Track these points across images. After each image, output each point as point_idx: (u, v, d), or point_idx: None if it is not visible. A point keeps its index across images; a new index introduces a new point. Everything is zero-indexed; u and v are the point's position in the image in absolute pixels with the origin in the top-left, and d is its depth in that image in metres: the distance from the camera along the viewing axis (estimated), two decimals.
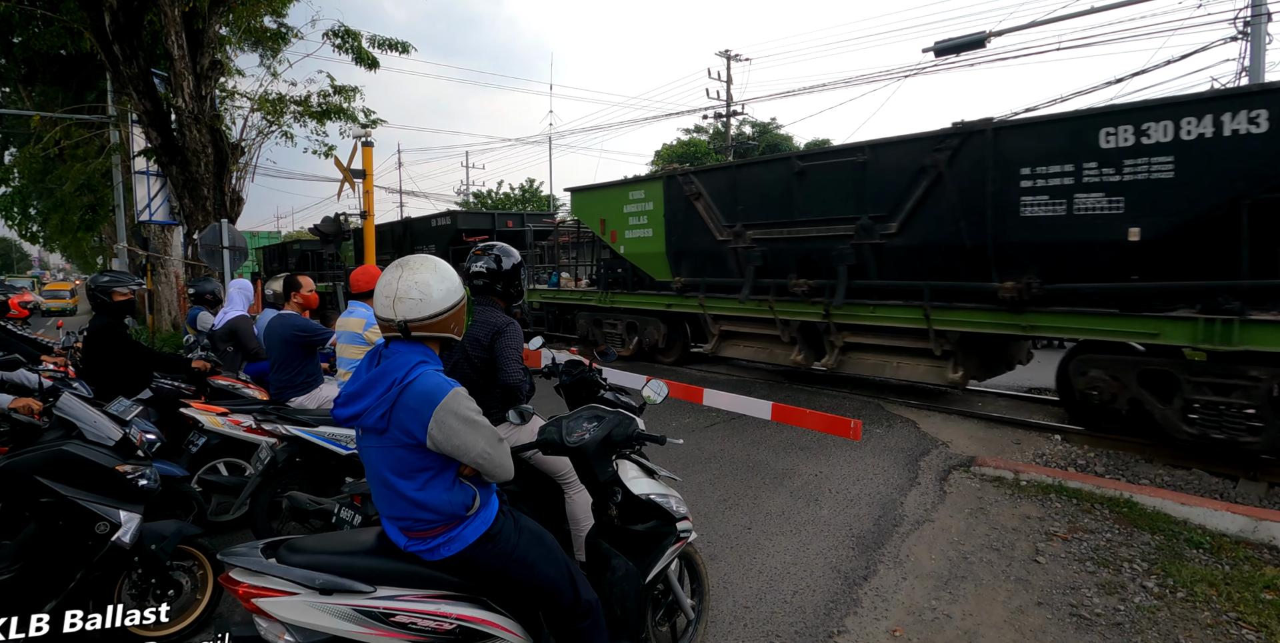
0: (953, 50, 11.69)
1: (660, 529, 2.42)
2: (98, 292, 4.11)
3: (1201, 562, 3.60)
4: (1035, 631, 2.95)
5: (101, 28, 8.54)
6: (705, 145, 32.72)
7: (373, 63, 11.07)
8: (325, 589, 1.71)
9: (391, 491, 1.82)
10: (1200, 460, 5.39)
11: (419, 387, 1.76)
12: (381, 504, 1.89)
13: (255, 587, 1.69)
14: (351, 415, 1.83)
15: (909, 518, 4.12)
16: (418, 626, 1.79)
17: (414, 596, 1.82)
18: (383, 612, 1.75)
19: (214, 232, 8.61)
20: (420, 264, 1.89)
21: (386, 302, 1.84)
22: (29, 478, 2.50)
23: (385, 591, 1.78)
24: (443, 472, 1.84)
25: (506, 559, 1.89)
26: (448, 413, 1.75)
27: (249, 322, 5.31)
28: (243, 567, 1.72)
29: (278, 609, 1.68)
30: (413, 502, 1.80)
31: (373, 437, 1.82)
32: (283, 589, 1.69)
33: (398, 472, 1.80)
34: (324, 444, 3.64)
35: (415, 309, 1.82)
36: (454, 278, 1.92)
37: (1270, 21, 10.53)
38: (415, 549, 1.85)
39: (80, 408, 2.75)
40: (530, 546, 1.95)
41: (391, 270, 1.88)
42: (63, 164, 13.91)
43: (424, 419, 1.74)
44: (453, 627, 1.85)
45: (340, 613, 1.71)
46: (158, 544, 2.68)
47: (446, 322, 1.89)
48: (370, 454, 1.85)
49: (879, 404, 7.03)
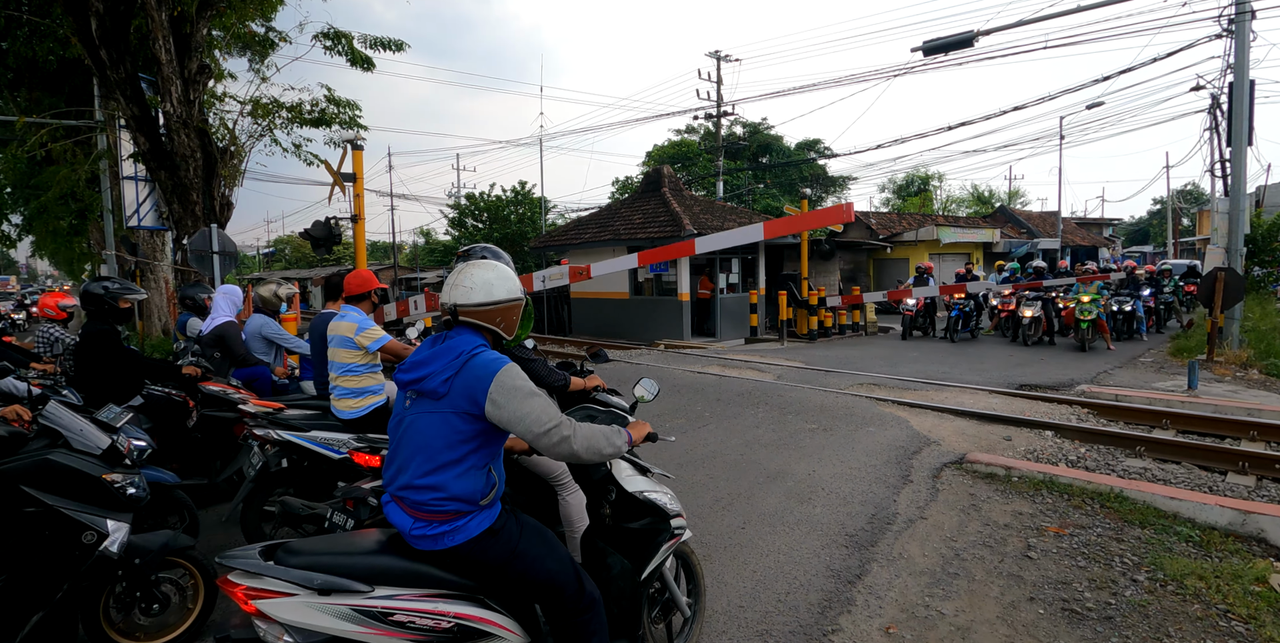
0: (941, 49, 11.75)
1: (655, 526, 2.44)
2: (105, 298, 4.02)
3: (1191, 555, 3.63)
4: (1028, 625, 2.96)
5: (88, 32, 8.46)
6: (696, 146, 32.75)
7: (368, 64, 11.01)
8: (323, 590, 1.72)
9: (425, 461, 1.89)
10: (1190, 455, 5.44)
11: (482, 359, 1.93)
12: (403, 477, 1.92)
13: (254, 589, 1.69)
14: (413, 380, 1.95)
15: (902, 516, 4.13)
16: (416, 624, 1.80)
17: (412, 595, 1.82)
18: (381, 611, 1.76)
19: (203, 237, 8.54)
20: (483, 263, 2.10)
21: (446, 288, 2.06)
22: (14, 488, 2.48)
23: (383, 590, 1.79)
24: (481, 449, 1.93)
25: (509, 554, 1.93)
26: (506, 382, 1.89)
27: (236, 327, 5.24)
28: (241, 569, 1.72)
29: (277, 610, 1.68)
30: (440, 474, 1.88)
31: (428, 402, 1.93)
32: (281, 591, 1.69)
33: (444, 439, 1.89)
34: (317, 449, 3.61)
35: (464, 296, 2.02)
36: (510, 280, 2.09)
37: (1254, 19, 10.62)
38: (419, 533, 1.88)
39: (66, 416, 2.72)
40: (532, 541, 2.00)
41: (461, 266, 2.11)
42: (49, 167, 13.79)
43: (485, 386, 1.88)
44: (451, 625, 1.85)
45: (339, 613, 1.72)
46: (142, 558, 2.65)
47: (492, 314, 2.04)
48: (419, 420, 1.93)
49: (871, 403, 7.05)
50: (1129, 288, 13.48)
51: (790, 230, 5.05)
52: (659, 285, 16.18)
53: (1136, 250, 38.23)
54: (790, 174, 33.37)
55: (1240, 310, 10.39)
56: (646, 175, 19.36)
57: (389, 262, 36.61)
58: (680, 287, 15.28)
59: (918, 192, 43.52)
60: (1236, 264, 10.34)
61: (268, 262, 53.17)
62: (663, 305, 15.75)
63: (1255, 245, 13.34)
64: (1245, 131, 10.44)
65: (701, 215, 16.00)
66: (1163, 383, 8.50)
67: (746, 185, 31.94)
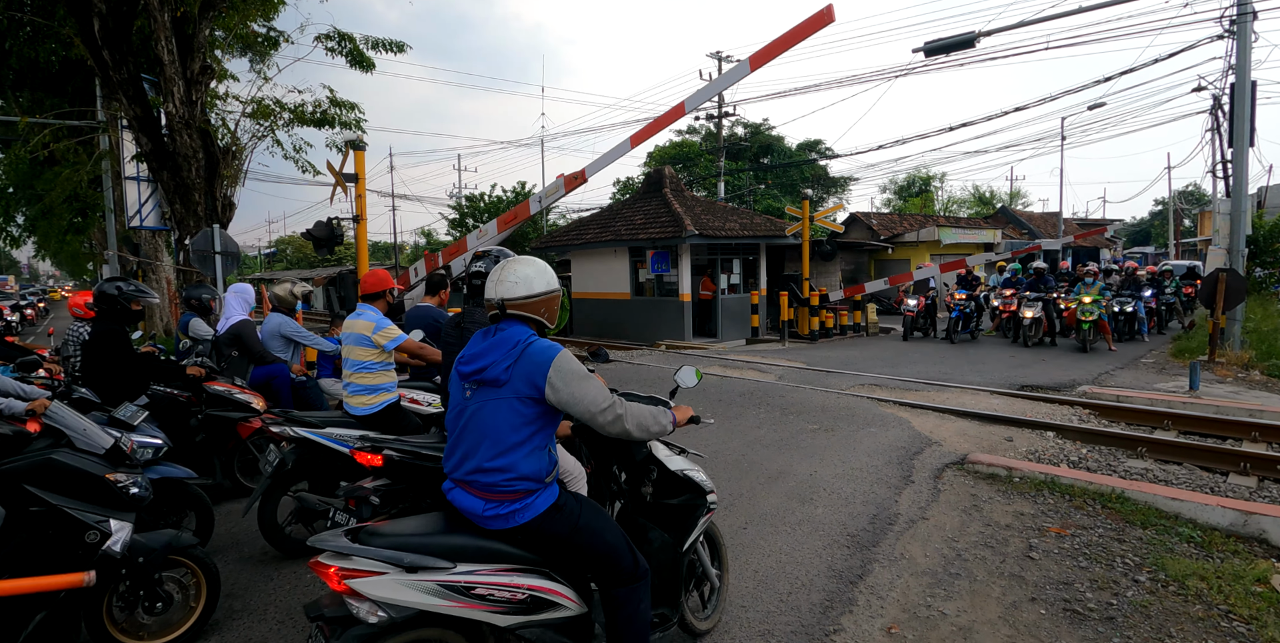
0: (942, 50, 11.74)
1: (693, 502, 2.62)
2: (119, 299, 4.06)
3: (1193, 556, 3.62)
4: (1029, 626, 2.96)
5: (90, 33, 8.47)
6: (698, 147, 32.73)
7: (369, 65, 11.02)
8: (411, 567, 1.84)
9: (493, 445, 2.03)
10: (1191, 456, 5.43)
11: (538, 347, 2.08)
12: (470, 462, 2.05)
13: (347, 569, 1.80)
14: (474, 371, 2.09)
15: (903, 516, 4.13)
16: (495, 597, 1.95)
17: (489, 570, 1.97)
18: (464, 586, 1.90)
19: (205, 237, 8.55)
20: (521, 259, 2.26)
21: (491, 285, 2.19)
22: (18, 487, 2.49)
23: (464, 567, 1.93)
24: (543, 430, 2.09)
25: (572, 528, 2.09)
26: (563, 366, 2.05)
27: (252, 326, 5.30)
28: (331, 550, 1.83)
29: (370, 588, 1.79)
30: (509, 456, 2.02)
31: (490, 390, 2.07)
32: (373, 570, 1.81)
33: (509, 422, 2.04)
34: (332, 446, 3.63)
35: (509, 291, 2.16)
36: (547, 273, 2.25)
37: (1256, 20, 10.61)
38: (492, 513, 2.02)
39: (69, 416, 2.73)
40: (591, 515, 2.17)
41: (502, 263, 2.25)
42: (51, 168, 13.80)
43: (544, 371, 2.03)
44: (525, 597, 2.01)
45: (426, 589, 1.85)
46: (146, 556, 2.65)
47: (536, 305, 2.20)
48: (484, 408, 2.06)
49: (873, 404, 7.05)
50: (1130, 289, 13.47)
51: (778, 51, 5.74)
52: (660, 286, 16.19)
53: (1138, 251, 38.15)
54: (791, 175, 33.37)
55: (1242, 312, 10.38)
56: (648, 176, 19.37)
57: (390, 262, 36.66)
58: (681, 287, 15.28)
59: (919, 192, 43.51)
60: (1238, 265, 10.33)
61: (269, 262, 53.23)
62: (664, 306, 15.75)
63: (1257, 246, 13.34)
64: (1247, 132, 10.44)
65: (703, 216, 15.99)
66: (1164, 384, 8.50)
67: (748, 186, 31.93)
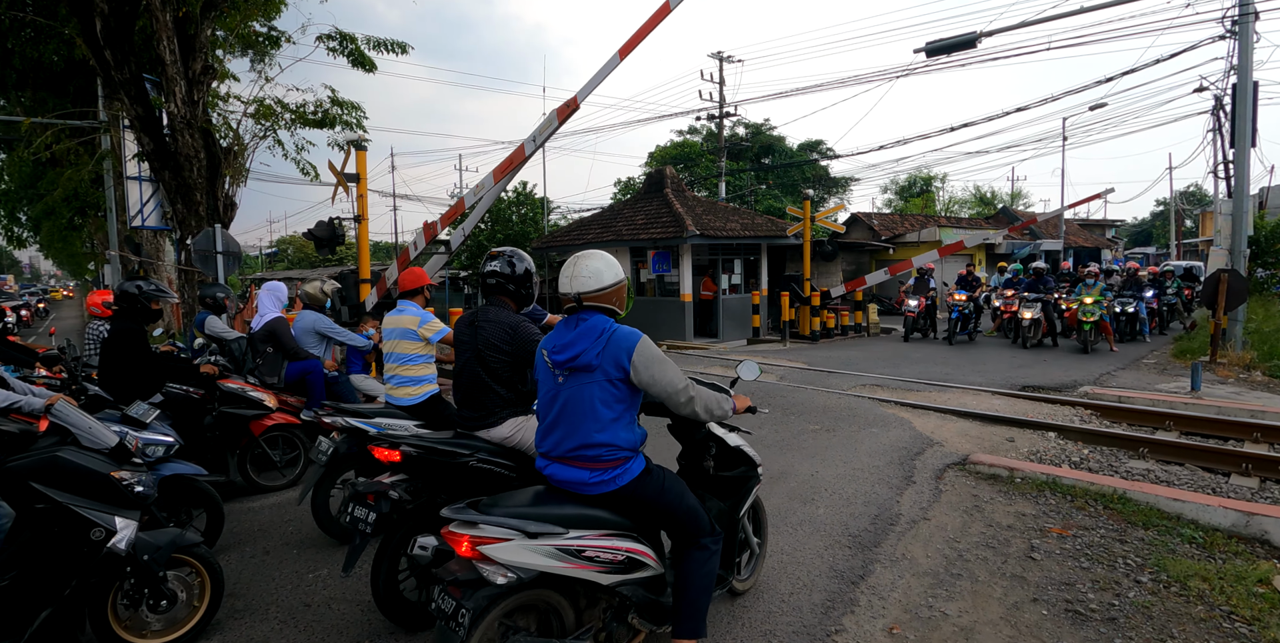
0: (944, 50, 11.74)
1: (747, 474, 2.90)
2: (139, 298, 4.10)
3: (1194, 557, 3.62)
4: (1031, 627, 2.96)
5: (92, 33, 8.49)
6: (698, 147, 32.71)
7: (370, 66, 11.03)
8: (533, 534, 2.09)
9: (594, 422, 2.29)
10: (1193, 456, 5.43)
11: (621, 333, 2.33)
12: (572, 440, 2.30)
13: (479, 536, 2.05)
14: (567, 359, 2.32)
15: (905, 517, 4.13)
16: (600, 558, 2.23)
17: (595, 535, 2.25)
18: (576, 549, 2.17)
19: (207, 237, 8.56)
20: (592, 254, 2.47)
21: (565, 280, 2.41)
22: (24, 484, 2.49)
23: (574, 532, 2.20)
24: (631, 408, 2.38)
25: (660, 490, 2.38)
26: (645, 351, 2.31)
27: (285, 323, 5.38)
28: (460, 519, 2.09)
29: (499, 553, 2.04)
30: (609, 431, 2.29)
31: (583, 375, 2.31)
32: (500, 537, 2.06)
33: (604, 401, 2.30)
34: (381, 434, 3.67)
35: (585, 285, 2.39)
36: (615, 265, 2.46)
37: (1258, 20, 10.60)
38: (596, 480, 2.30)
39: (75, 414, 2.74)
40: (673, 481, 2.46)
41: (572, 260, 2.45)
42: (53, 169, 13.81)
43: (629, 355, 2.29)
44: (623, 558, 2.29)
45: (546, 552, 2.11)
46: (150, 554, 2.66)
47: (609, 295, 2.44)
48: (579, 392, 2.31)
49: (874, 404, 7.06)
50: (1132, 289, 13.47)
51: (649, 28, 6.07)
52: (661, 286, 16.18)
53: (1139, 252, 38.12)
54: (793, 175, 33.35)
55: (1243, 312, 10.37)
56: (649, 176, 19.36)
57: (391, 262, 36.65)
58: (683, 287, 15.28)
59: (920, 192, 43.49)
60: (1240, 266, 10.32)
61: (270, 262, 53.23)
62: (665, 306, 15.75)
63: (1258, 247, 13.34)
64: (1248, 133, 10.43)
65: (704, 216, 15.99)
66: (1166, 384, 8.50)
67: (749, 186, 31.91)
